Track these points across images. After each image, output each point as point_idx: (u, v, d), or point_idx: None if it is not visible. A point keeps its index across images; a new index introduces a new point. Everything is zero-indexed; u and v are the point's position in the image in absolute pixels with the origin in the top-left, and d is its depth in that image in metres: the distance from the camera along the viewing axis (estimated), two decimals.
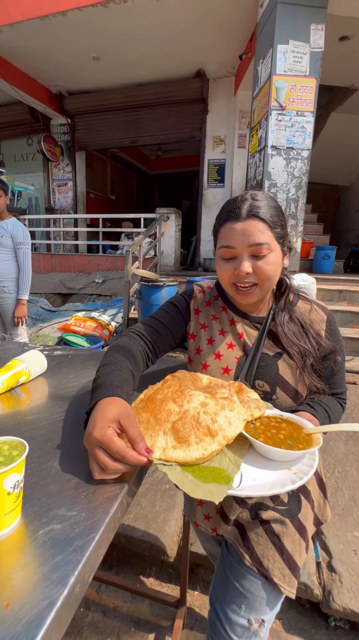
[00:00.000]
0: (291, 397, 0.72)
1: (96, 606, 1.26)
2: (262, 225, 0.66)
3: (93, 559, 0.36)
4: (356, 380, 2.56)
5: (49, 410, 0.70)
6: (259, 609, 0.68)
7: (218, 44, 4.70)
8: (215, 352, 0.77)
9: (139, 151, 9.42)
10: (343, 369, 0.79)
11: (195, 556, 1.33)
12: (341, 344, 0.77)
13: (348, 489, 1.58)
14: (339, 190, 8.43)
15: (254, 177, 3.96)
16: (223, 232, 0.69)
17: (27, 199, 7.55)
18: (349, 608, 1.12)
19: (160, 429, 0.52)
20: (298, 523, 0.69)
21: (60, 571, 0.33)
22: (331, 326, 0.77)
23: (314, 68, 3.41)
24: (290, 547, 0.68)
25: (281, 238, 0.69)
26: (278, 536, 0.68)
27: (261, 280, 0.68)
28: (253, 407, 0.60)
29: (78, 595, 0.33)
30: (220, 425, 0.53)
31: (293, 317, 0.75)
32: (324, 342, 0.74)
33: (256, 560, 0.67)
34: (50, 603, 0.30)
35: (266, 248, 0.66)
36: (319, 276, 3.94)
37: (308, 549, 0.72)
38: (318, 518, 0.79)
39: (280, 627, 1.20)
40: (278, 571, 0.66)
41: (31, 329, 4.13)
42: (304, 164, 3.61)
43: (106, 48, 4.91)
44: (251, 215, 0.66)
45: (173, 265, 5.33)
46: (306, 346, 0.72)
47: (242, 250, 0.67)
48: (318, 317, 0.76)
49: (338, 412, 0.76)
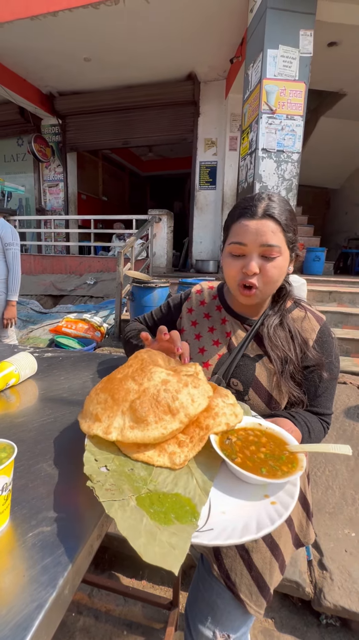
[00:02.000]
0: (264, 400, 0.70)
1: (88, 610, 1.25)
2: (276, 226, 0.65)
3: (83, 560, 0.36)
4: (347, 380, 2.60)
5: (38, 412, 0.69)
6: (225, 623, 0.67)
7: (209, 47, 4.74)
8: (199, 347, 0.78)
9: (131, 152, 9.41)
10: (330, 390, 0.74)
11: (187, 557, 1.32)
12: (331, 361, 0.72)
13: (338, 487, 1.60)
14: (329, 193, 8.56)
15: (245, 180, 3.99)
16: (235, 228, 0.68)
17: (17, 200, 7.47)
18: (340, 605, 1.14)
19: (119, 409, 0.50)
20: (270, 540, 0.68)
21: (49, 573, 0.33)
22: (324, 339, 0.73)
23: (304, 73, 3.46)
24: (260, 565, 0.66)
25: (291, 243, 0.68)
26: (247, 551, 0.66)
27: (264, 283, 0.66)
28: (228, 414, 0.53)
29: (67, 597, 0.33)
30: (181, 402, 0.50)
31: (284, 323, 0.73)
32: (310, 352, 0.70)
33: (224, 572, 0.66)
34: (39, 605, 0.30)
35: (277, 250, 0.65)
36: (309, 277, 3.99)
37: (283, 569, 0.70)
38: (299, 539, 0.77)
39: (272, 626, 1.21)
40: (246, 587, 0.65)
41: (21, 331, 4.08)
42: (295, 167, 3.66)
43: (97, 49, 4.90)
44: (266, 215, 0.65)
45: (165, 267, 5.33)
46: (289, 353, 0.69)
47: (253, 249, 0.65)
48: (310, 326, 0.73)
49: (319, 430, 0.71)
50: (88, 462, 0.46)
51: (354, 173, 7.60)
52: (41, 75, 5.74)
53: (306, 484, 0.79)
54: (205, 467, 0.49)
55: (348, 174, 7.73)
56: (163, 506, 0.42)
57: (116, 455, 0.49)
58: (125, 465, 0.47)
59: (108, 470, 0.46)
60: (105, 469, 0.46)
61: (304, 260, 4.90)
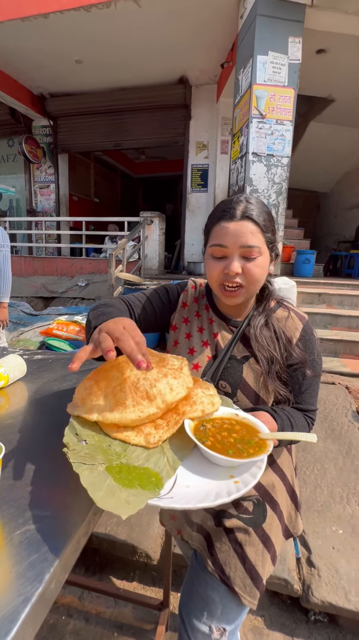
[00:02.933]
0: (251, 400, 0.72)
1: (78, 613, 1.24)
2: (255, 227, 0.66)
3: (69, 556, 0.37)
4: (335, 381, 2.64)
5: (27, 414, 0.70)
6: (221, 617, 0.68)
7: (200, 51, 4.79)
8: (189, 347, 0.78)
9: (123, 154, 9.41)
10: (314, 386, 0.75)
11: (178, 558, 1.33)
12: (314, 358, 0.74)
13: (326, 485, 1.62)
14: (319, 196, 8.70)
15: (236, 183, 4.04)
16: (216, 230, 0.69)
17: (7, 201, 7.40)
18: (327, 601, 1.16)
19: (101, 394, 0.55)
20: (262, 533, 0.70)
21: (35, 569, 0.33)
22: (307, 337, 0.74)
23: (293, 79, 3.53)
24: (253, 557, 0.68)
25: (270, 243, 0.70)
26: (240, 545, 0.68)
27: (249, 282, 0.68)
28: (206, 403, 0.57)
29: (53, 591, 0.34)
30: (159, 390, 0.53)
31: (269, 323, 0.74)
32: (294, 350, 0.72)
33: (219, 567, 0.68)
34: (25, 599, 0.30)
35: (257, 251, 0.66)
36: (299, 280, 4.05)
37: (274, 560, 0.72)
38: (289, 530, 0.79)
39: (262, 624, 1.22)
40: (240, 580, 0.67)
41: (12, 333, 4.04)
42: (284, 171, 3.72)
43: (89, 51, 4.91)
44: (245, 216, 0.66)
45: (157, 269, 5.35)
46: (275, 352, 0.71)
47: (233, 250, 0.67)
48: (293, 325, 0.74)
49: (302, 425, 0.72)
50: (68, 435, 0.50)
51: (344, 177, 7.75)
52: (32, 75, 5.71)
53: (293, 477, 0.81)
54: (177, 448, 0.52)
55: (337, 177, 7.88)
56: (130, 475, 0.45)
57: (96, 433, 0.53)
58: (103, 442, 0.51)
59: (86, 443, 0.50)
60: (85, 442, 0.50)
61: (295, 263, 4.96)
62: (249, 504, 0.71)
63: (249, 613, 1.25)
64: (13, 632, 0.28)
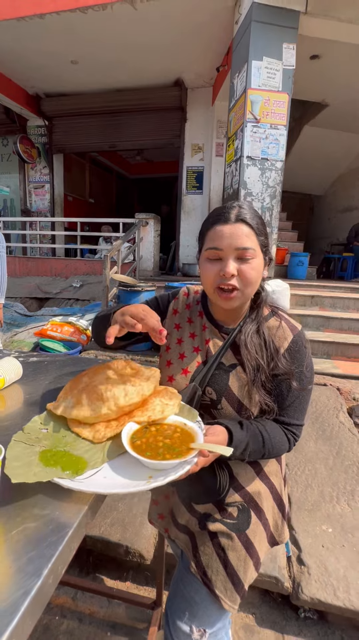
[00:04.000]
0: (234, 408, 0.71)
1: (72, 614, 1.26)
2: (249, 230, 0.68)
3: (66, 552, 0.39)
4: (327, 382, 2.69)
5: (24, 416, 0.71)
6: (201, 618, 0.70)
7: (196, 55, 4.82)
8: (180, 352, 0.79)
9: (119, 155, 9.41)
10: (300, 400, 0.72)
11: (171, 557, 1.35)
12: (302, 371, 0.71)
13: (317, 485, 1.66)
14: (313, 199, 8.81)
15: (231, 186, 4.08)
16: (210, 234, 0.70)
17: (1, 201, 7.35)
18: (317, 598, 1.19)
19: (70, 394, 0.66)
20: (245, 539, 0.71)
21: (34, 564, 0.35)
22: (295, 348, 0.72)
23: (287, 84, 3.58)
24: (235, 562, 0.70)
25: (264, 247, 0.71)
26: (223, 549, 0.70)
27: (244, 284, 0.68)
28: (156, 411, 0.62)
29: (51, 586, 0.36)
30: (113, 394, 0.61)
31: (260, 330, 0.73)
32: (280, 360, 0.70)
33: (201, 569, 0.70)
34: (25, 592, 0.32)
35: (252, 253, 0.67)
36: (293, 282, 4.09)
37: (258, 567, 0.73)
38: (274, 538, 0.79)
39: (253, 621, 1.25)
40: (221, 584, 0.69)
41: (6, 334, 4.02)
42: (278, 175, 3.76)
43: (84, 53, 4.91)
44: (239, 219, 0.68)
45: (152, 270, 5.36)
46: (262, 361, 0.70)
47: (228, 253, 0.68)
48: (283, 335, 0.73)
49: (279, 441, 0.69)
50: (33, 422, 0.62)
51: (337, 180, 7.86)
52: (27, 75, 5.70)
53: (282, 486, 0.81)
54: (116, 446, 0.58)
55: (331, 181, 7.99)
56: (61, 458, 0.52)
57: (61, 425, 0.62)
58: (61, 433, 0.60)
59: (47, 431, 0.60)
60: (46, 430, 0.60)
61: (288, 265, 5.02)
62: (234, 510, 0.72)
63: (240, 611, 1.28)
64: (13, 624, 0.30)
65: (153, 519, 0.87)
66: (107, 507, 1.53)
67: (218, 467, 0.73)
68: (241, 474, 0.73)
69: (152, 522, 0.89)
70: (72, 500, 0.46)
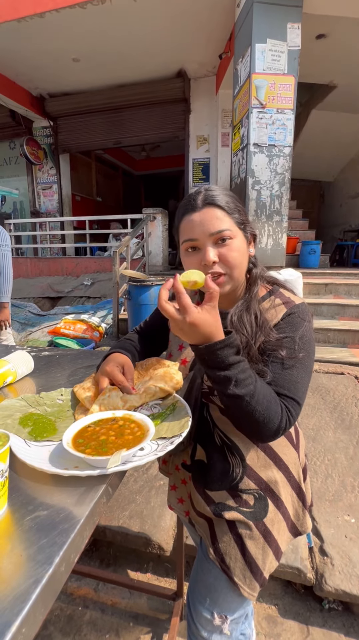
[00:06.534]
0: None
1: (94, 604, 1.27)
2: (219, 212, 0.65)
3: (78, 540, 0.37)
4: (344, 371, 2.62)
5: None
6: (222, 605, 0.69)
7: (198, 43, 4.73)
8: (179, 344, 0.79)
9: (124, 152, 9.40)
10: (292, 371, 0.63)
11: (191, 549, 1.34)
12: (293, 337, 0.65)
13: (338, 475, 1.62)
14: (323, 186, 8.57)
15: (238, 175, 4.00)
16: (183, 226, 0.69)
17: (11, 203, 7.46)
18: (341, 589, 1.16)
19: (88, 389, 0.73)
20: (263, 527, 0.69)
21: (45, 552, 0.34)
22: (289, 319, 0.67)
23: (293, 66, 3.47)
24: (253, 550, 0.68)
25: (241, 224, 0.68)
26: (240, 536, 0.69)
27: (229, 267, 0.65)
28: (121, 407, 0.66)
29: (63, 574, 0.34)
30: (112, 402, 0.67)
31: (250, 308, 0.68)
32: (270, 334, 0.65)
33: (219, 556, 0.69)
34: (36, 581, 0.31)
35: (227, 234, 0.65)
36: (305, 271, 4.01)
37: (278, 556, 0.71)
38: (296, 527, 0.77)
39: (276, 612, 1.23)
40: (239, 571, 0.67)
41: (20, 333, 4.09)
42: (287, 161, 3.67)
43: (85, 49, 4.89)
44: (206, 204, 0.65)
45: (161, 265, 5.34)
46: (249, 337, 0.65)
47: (204, 240, 0.65)
48: (276, 309, 0.69)
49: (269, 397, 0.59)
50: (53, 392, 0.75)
51: (348, 165, 7.61)
52: (30, 77, 5.73)
53: (300, 475, 0.79)
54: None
55: (341, 166, 7.74)
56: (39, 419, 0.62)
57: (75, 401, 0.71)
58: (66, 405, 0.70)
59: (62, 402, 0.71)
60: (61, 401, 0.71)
61: (300, 254, 4.91)
62: (249, 497, 0.71)
63: (263, 602, 1.26)
64: (24, 612, 0.29)
65: (172, 504, 0.86)
66: (124, 499, 1.54)
67: (229, 454, 0.71)
68: (254, 460, 0.72)
69: (171, 507, 0.88)
70: (85, 488, 0.44)
